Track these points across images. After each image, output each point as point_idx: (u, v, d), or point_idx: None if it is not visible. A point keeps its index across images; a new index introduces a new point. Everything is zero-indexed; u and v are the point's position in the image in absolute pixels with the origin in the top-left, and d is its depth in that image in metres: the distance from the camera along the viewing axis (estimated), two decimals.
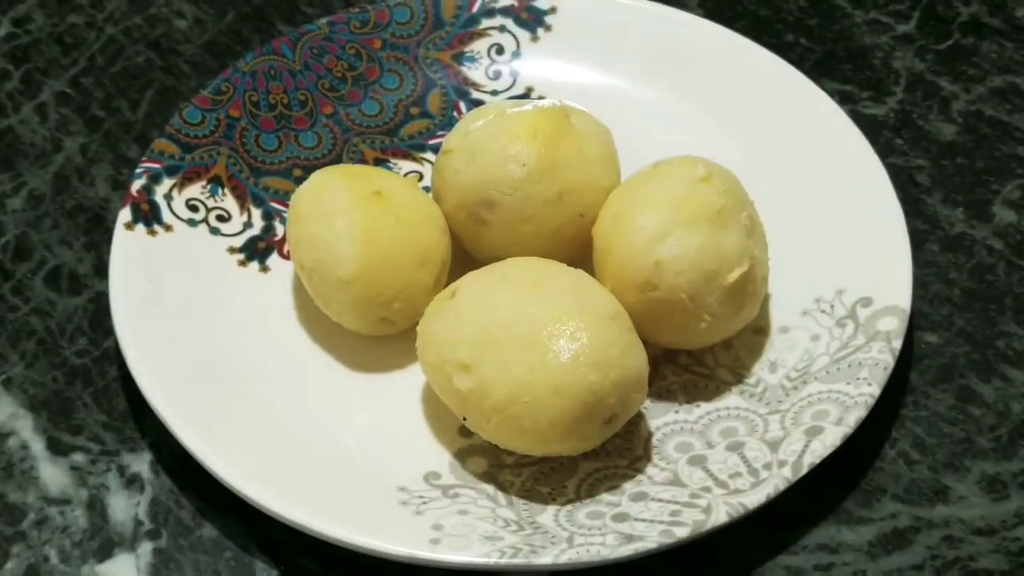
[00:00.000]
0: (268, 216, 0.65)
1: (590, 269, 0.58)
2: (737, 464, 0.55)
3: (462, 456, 0.57)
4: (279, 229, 0.64)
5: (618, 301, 0.56)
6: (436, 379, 0.56)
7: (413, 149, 0.68)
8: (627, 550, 0.52)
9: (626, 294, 0.56)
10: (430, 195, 0.62)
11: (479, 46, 0.71)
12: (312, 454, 0.57)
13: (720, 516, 0.53)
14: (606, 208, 0.59)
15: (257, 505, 0.54)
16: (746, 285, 0.57)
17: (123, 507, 0.57)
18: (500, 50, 0.71)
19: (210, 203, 0.64)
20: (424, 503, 0.55)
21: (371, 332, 0.60)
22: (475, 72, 0.70)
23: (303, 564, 0.55)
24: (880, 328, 0.58)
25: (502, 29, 0.71)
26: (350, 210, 0.59)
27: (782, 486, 0.54)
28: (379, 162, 0.67)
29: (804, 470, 0.54)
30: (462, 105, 0.69)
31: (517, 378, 0.53)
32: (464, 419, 0.56)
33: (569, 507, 0.55)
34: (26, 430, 0.60)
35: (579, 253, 0.60)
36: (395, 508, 0.55)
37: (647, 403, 0.58)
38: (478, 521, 0.54)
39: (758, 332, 0.60)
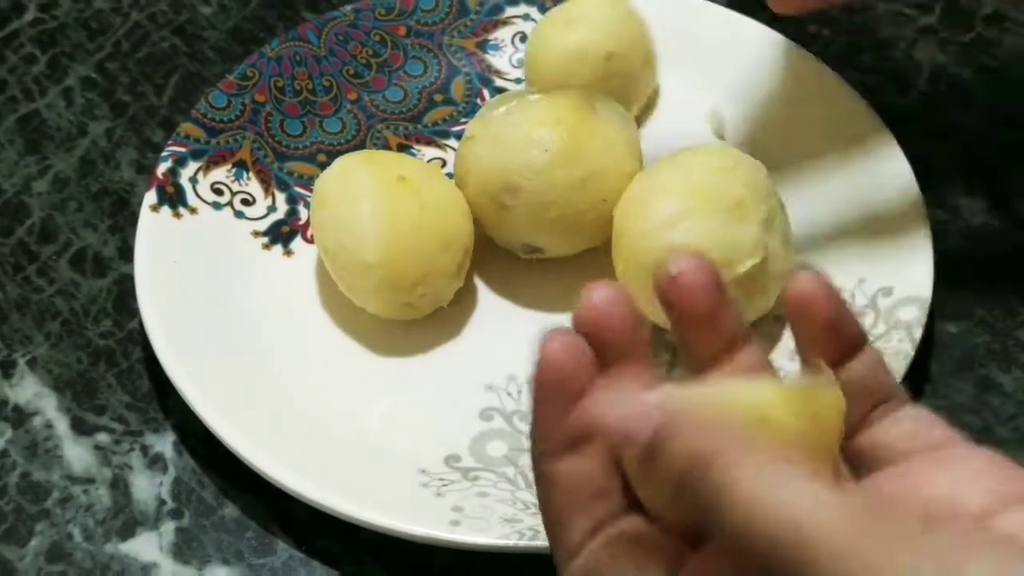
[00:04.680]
0: (292, 200, 0.65)
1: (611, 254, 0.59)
2: None
3: (482, 440, 0.58)
4: (303, 213, 0.65)
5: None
6: None
7: (436, 136, 0.68)
8: None
9: (636, 276, 0.57)
10: (453, 182, 0.63)
11: (503, 34, 0.71)
12: (334, 436, 0.57)
13: None
14: (627, 191, 0.59)
15: (279, 485, 0.54)
16: (757, 277, 0.57)
17: (146, 486, 0.58)
18: (524, 38, 0.71)
19: (235, 187, 0.65)
20: (444, 485, 0.55)
21: (394, 316, 0.60)
22: (499, 60, 0.71)
23: (324, 544, 0.56)
24: (901, 317, 0.58)
25: (526, 17, 0.71)
26: (374, 195, 0.59)
27: None
28: (402, 148, 0.68)
29: None
30: (486, 92, 0.70)
31: None
32: None
33: None
34: (51, 409, 0.60)
35: (601, 238, 0.60)
36: (416, 490, 0.55)
37: None
38: (497, 503, 0.55)
39: (778, 320, 0.60)
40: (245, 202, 0.65)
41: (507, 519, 0.54)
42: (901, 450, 0.40)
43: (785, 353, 0.59)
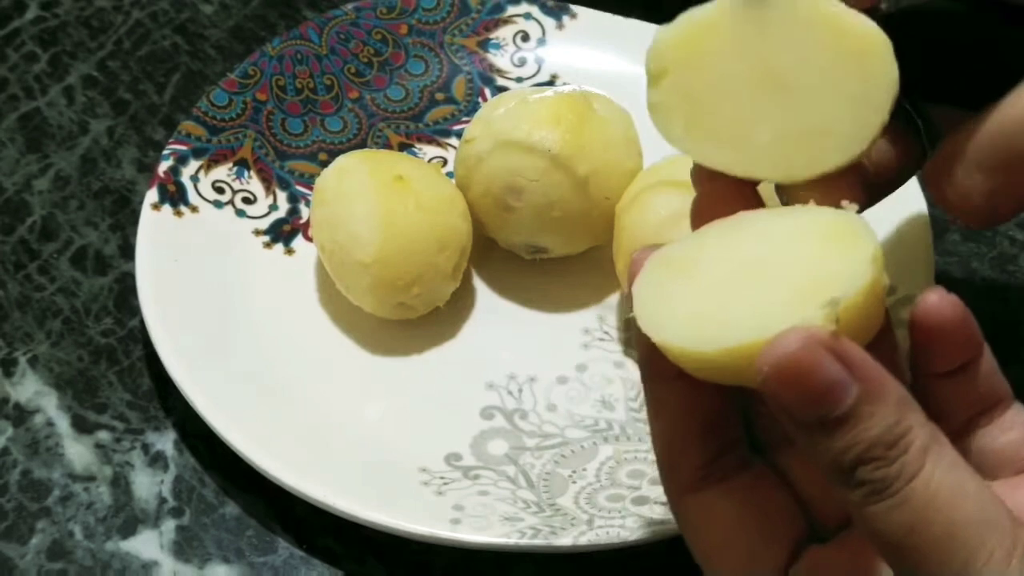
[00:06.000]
0: (293, 199, 0.65)
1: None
2: None
3: (483, 438, 0.58)
4: (304, 212, 0.65)
5: None
6: None
7: (438, 134, 0.68)
8: (646, 533, 0.52)
9: None
10: (453, 181, 0.63)
11: (504, 33, 0.71)
12: (335, 434, 0.57)
13: None
14: (629, 188, 0.59)
15: (280, 483, 0.54)
16: None
17: (147, 485, 0.58)
18: (525, 37, 0.71)
19: (236, 185, 0.65)
20: (445, 484, 0.55)
21: (389, 316, 0.60)
22: (500, 59, 0.71)
23: (325, 542, 0.56)
24: (902, 317, 0.58)
25: (528, 16, 0.71)
26: (371, 194, 0.59)
27: None
28: (404, 147, 0.68)
29: None
30: (487, 91, 0.70)
31: None
32: None
33: (589, 490, 0.55)
34: (51, 408, 0.60)
35: (605, 237, 0.60)
36: (416, 488, 0.55)
37: None
38: (498, 502, 0.55)
39: None
40: (246, 200, 0.65)
41: (508, 518, 0.54)
42: (1009, 459, 0.40)
43: None
